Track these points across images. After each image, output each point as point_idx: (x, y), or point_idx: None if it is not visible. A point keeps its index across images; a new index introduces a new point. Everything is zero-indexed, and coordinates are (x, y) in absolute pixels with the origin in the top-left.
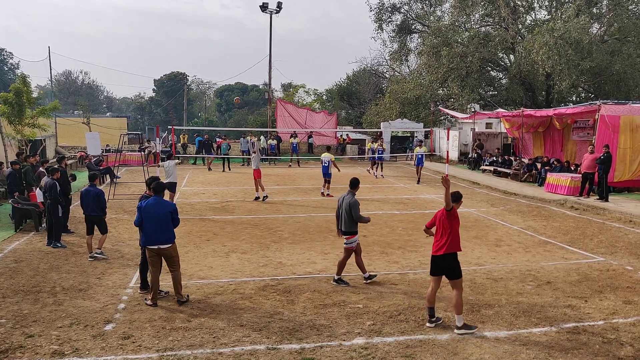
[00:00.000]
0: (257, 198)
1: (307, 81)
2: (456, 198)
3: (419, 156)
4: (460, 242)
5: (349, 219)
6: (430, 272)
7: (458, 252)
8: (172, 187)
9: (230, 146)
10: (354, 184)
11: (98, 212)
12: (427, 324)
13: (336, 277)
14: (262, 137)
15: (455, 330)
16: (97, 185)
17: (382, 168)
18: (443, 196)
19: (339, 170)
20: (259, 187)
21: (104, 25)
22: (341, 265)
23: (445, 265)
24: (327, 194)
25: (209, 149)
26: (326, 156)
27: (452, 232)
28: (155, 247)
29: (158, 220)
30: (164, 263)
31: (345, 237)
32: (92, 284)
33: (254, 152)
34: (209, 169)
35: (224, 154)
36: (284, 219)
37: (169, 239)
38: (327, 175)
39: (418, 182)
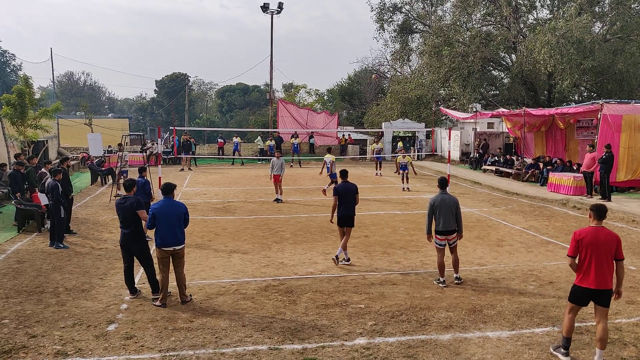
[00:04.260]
0: (277, 199)
1: (309, 81)
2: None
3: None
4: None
5: (454, 218)
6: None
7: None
8: None
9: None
10: (445, 183)
11: (144, 199)
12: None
13: (456, 275)
14: (259, 137)
15: None
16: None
17: (381, 167)
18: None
19: (320, 173)
20: (278, 189)
21: (104, 26)
22: (457, 263)
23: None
24: None
25: (188, 149)
26: (328, 157)
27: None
28: (171, 248)
29: (172, 221)
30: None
31: (450, 236)
32: (94, 285)
33: (278, 157)
34: (182, 169)
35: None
36: (286, 220)
37: (182, 239)
38: (332, 176)
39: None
